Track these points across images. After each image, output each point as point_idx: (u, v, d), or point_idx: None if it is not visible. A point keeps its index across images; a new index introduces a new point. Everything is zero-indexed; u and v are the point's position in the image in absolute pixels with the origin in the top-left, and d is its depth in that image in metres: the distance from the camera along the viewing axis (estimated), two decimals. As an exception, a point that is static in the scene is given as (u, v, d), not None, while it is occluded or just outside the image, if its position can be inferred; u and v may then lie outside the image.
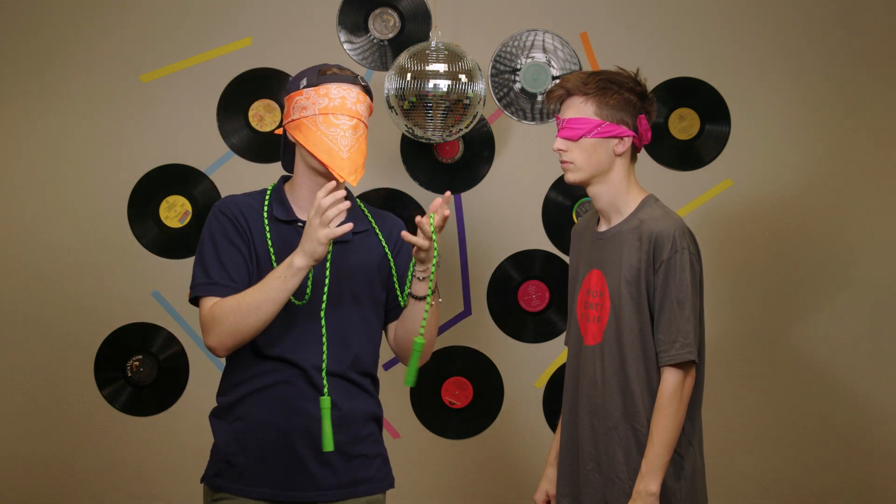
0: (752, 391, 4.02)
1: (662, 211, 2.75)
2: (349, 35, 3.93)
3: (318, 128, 2.61)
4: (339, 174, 2.58)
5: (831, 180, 4.01)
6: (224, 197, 2.78)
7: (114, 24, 3.95)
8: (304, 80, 2.67)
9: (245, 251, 2.64)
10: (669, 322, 2.66)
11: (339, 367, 2.65)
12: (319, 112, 2.61)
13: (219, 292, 2.59)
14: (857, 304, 4.00)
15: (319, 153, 2.60)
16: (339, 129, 2.61)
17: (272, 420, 2.60)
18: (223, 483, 2.63)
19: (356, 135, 2.63)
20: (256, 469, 2.61)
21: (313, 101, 2.62)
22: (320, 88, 2.63)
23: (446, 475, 4.03)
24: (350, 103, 2.63)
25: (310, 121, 2.62)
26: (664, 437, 2.64)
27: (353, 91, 2.64)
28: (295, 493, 2.61)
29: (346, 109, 2.62)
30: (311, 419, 2.60)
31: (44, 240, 3.94)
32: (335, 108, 2.61)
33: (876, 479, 4.01)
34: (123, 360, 3.95)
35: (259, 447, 2.61)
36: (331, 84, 2.63)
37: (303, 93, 2.64)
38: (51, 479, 3.95)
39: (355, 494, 2.66)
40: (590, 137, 2.73)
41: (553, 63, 3.89)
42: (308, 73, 2.68)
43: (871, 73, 4.00)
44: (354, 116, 2.63)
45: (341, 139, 2.60)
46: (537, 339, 4.02)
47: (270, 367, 2.62)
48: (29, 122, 3.95)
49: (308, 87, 2.64)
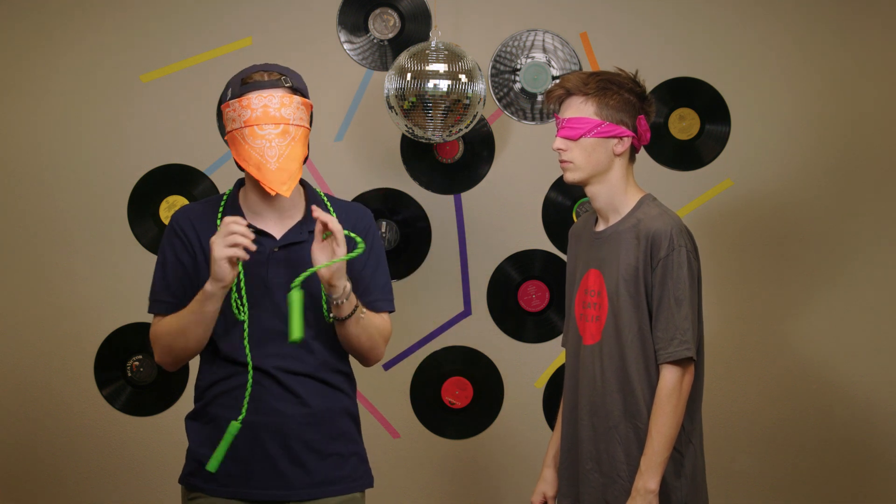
0: (752, 391, 4.02)
1: (660, 209, 2.75)
2: (349, 35, 3.93)
3: (245, 141, 2.54)
4: (269, 188, 2.52)
5: (831, 180, 4.01)
6: (180, 208, 2.75)
7: (114, 24, 3.95)
8: (230, 91, 2.59)
9: (190, 266, 2.63)
10: (667, 320, 2.67)
11: (307, 368, 2.63)
12: (244, 124, 2.53)
13: (161, 309, 2.65)
14: (857, 304, 4.00)
15: (250, 167, 2.54)
16: (264, 141, 2.52)
17: (242, 420, 2.60)
18: (197, 482, 2.64)
19: (285, 141, 2.54)
20: (228, 469, 2.61)
21: (238, 112, 2.54)
22: (243, 99, 2.54)
23: (446, 475, 4.03)
24: (273, 110, 2.53)
25: (238, 133, 2.55)
26: (663, 434, 2.64)
27: (275, 97, 2.54)
28: (267, 493, 2.61)
29: (270, 118, 2.53)
30: (281, 418, 2.60)
31: (44, 239, 3.94)
32: (258, 119, 2.52)
33: (876, 478, 4.01)
34: (123, 360, 3.95)
35: (230, 447, 2.60)
36: (251, 93, 2.54)
37: (230, 104, 2.57)
38: (51, 479, 3.95)
39: (329, 494, 2.64)
40: (589, 137, 2.74)
41: (553, 63, 3.89)
42: (233, 83, 2.60)
43: (871, 73, 4.00)
44: (280, 123, 2.53)
45: (268, 150, 2.52)
46: (537, 339, 4.02)
47: (235, 370, 2.62)
48: (29, 121, 3.95)
49: (233, 98, 2.57)
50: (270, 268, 2.61)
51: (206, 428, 2.64)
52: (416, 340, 4.02)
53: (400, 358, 4.01)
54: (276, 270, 2.61)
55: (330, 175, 4.00)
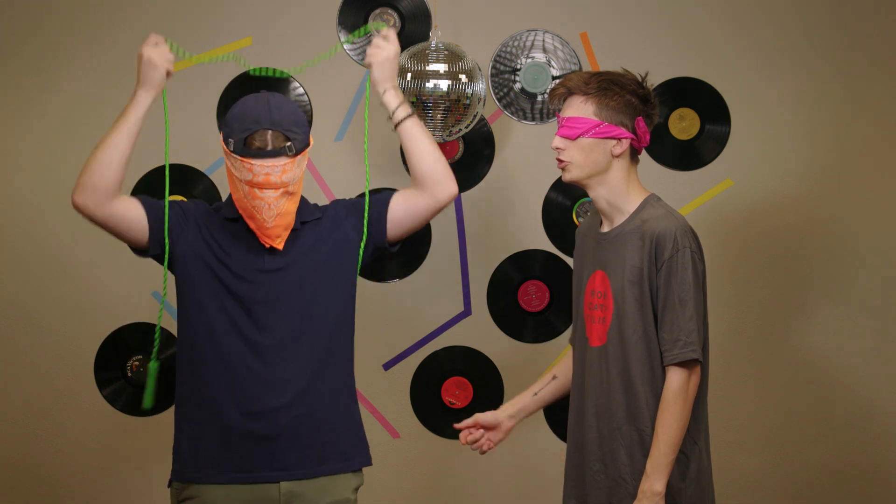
0: (753, 391, 4.01)
1: (664, 210, 2.75)
2: (349, 35, 3.93)
3: (243, 194, 2.62)
4: (264, 241, 2.64)
5: (832, 180, 4.01)
6: (188, 200, 2.83)
7: (114, 24, 3.95)
8: (232, 143, 2.62)
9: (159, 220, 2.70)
10: (672, 321, 2.66)
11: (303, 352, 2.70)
12: (244, 182, 2.60)
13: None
14: (857, 304, 4.00)
15: (244, 215, 2.65)
16: (263, 202, 2.60)
17: (234, 403, 2.61)
18: (190, 473, 2.65)
19: (283, 200, 2.63)
20: (221, 455, 2.62)
21: (238, 169, 2.60)
22: (245, 162, 2.59)
23: (446, 475, 4.03)
24: (275, 177, 2.60)
25: (237, 180, 2.62)
26: (669, 436, 2.64)
27: (278, 165, 2.60)
28: (260, 474, 2.61)
29: (271, 184, 2.60)
30: (276, 399, 2.63)
31: (44, 239, 3.94)
32: (259, 184, 2.59)
33: (876, 478, 4.01)
34: (123, 360, 3.94)
35: (220, 434, 2.61)
36: (254, 161, 2.59)
37: (230, 155, 2.62)
38: (51, 479, 3.95)
39: (322, 473, 2.65)
40: (587, 137, 2.73)
41: (553, 63, 3.89)
42: (235, 131, 2.63)
43: (871, 72, 4.00)
44: (280, 187, 2.61)
45: (266, 211, 2.61)
46: (537, 339, 4.02)
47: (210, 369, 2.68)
48: (29, 122, 3.95)
49: (234, 151, 2.61)
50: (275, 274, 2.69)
51: (195, 417, 2.66)
52: (416, 340, 4.02)
53: (400, 358, 4.01)
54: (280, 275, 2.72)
55: (330, 175, 4.00)
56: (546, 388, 3.00)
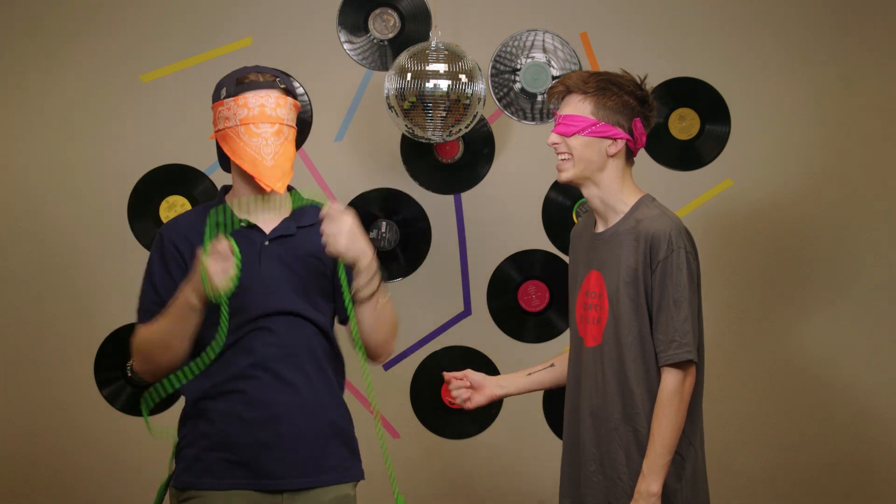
0: (752, 391, 4.01)
1: (659, 210, 2.75)
2: (349, 35, 3.93)
3: (240, 138, 2.63)
4: (265, 184, 2.61)
5: (831, 180, 4.01)
6: (166, 223, 2.81)
7: (114, 24, 3.95)
8: (224, 90, 2.67)
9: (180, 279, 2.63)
10: (667, 322, 2.66)
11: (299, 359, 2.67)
12: (240, 122, 2.62)
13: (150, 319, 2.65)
14: (857, 304, 4.00)
15: (245, 164, 2.62)
16: (260, 139, 2.62)
17: (235, 413, 2.62)
18: (190, 479, 2.65)
19: (279, 140, 2.64)
20: (223, 461, 2.62)
21: (233, 111, 2.63)
22: (238, 98, 2.63)
23: (446, 475, 4.03)
24: (269, 109, 2.63)
25: (233, 131, 2.64)
26: (665, 437, 2.64)
27: (271, 97, 2.64)
28: (260, 482, 2.62)
29: (266, 117, 2.62)
30: (273, 408, 2.62)
31: (44, 239, 3.94)
32: (255, 118, 2.62)
33: (876, 478, 4.01)
34: (123, 360, 3.95)
35: (223, 441, 2.62)
36: (248, 93, 2.63)
37: (224, 103, 2.66)
38: (51, 478, 3.95)
39: (320, 484, 2.66)
40: (582, 136, 2.73)
41: (553, 63, 3.89)
42: (227, 82, 2.69)
43: (872, 72, 4.00)
44: (276, 122, 2.63)
45: (264, 148, 2.62)
46: (537, 339, 4.02)
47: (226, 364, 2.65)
48: (29, 121, 3.96)
49: (227, 97, 2.65)
50: (263, 261, 2.64)
51: (198, 424, 2.66)
52: (416, 340, 4.02)
53: (400, 358, 4.01)
54: (269, 264, 2.64)
55: (330, 175, 4.00)
56: (542, 372, 3.01)
